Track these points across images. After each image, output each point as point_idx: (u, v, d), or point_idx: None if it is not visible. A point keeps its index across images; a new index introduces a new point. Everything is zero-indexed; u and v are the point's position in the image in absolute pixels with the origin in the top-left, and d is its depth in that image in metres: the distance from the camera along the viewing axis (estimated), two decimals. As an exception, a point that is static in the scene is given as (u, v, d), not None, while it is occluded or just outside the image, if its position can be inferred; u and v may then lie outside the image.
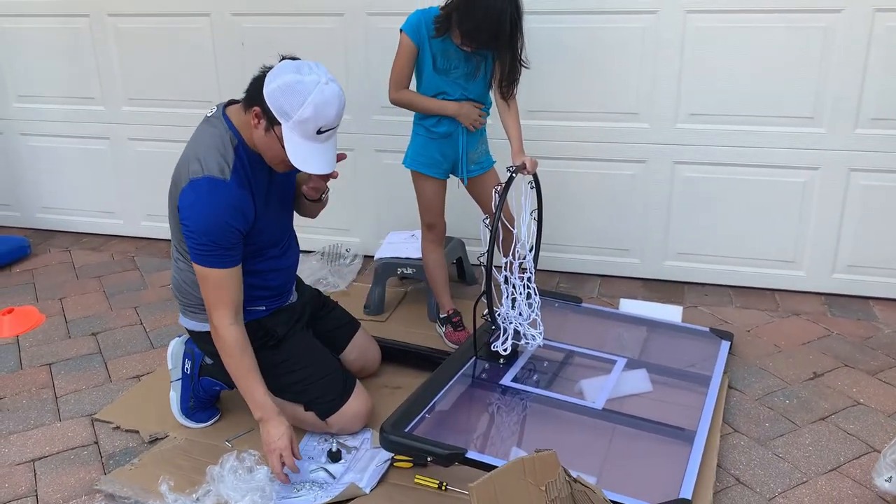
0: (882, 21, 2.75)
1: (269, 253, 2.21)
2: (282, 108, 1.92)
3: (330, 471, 2.13)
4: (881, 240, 3.00)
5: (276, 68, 1.97)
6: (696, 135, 3.06)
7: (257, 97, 1.96)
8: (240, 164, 2.03)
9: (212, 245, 1.99)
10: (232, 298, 2.05)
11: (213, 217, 1.98)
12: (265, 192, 2.14)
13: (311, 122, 1.93)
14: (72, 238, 4.06)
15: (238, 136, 2.05)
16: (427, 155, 2.62)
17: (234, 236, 2.02)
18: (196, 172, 1.99)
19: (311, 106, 1.91)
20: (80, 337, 3.00)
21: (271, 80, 1.94)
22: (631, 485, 1.91)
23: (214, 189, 1.98)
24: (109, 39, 3.68)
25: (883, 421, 2.32)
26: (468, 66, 2.50)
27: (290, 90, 1.91)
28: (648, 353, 2.63)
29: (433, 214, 2.72)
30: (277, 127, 1.95)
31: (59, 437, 2.37)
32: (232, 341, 2.05)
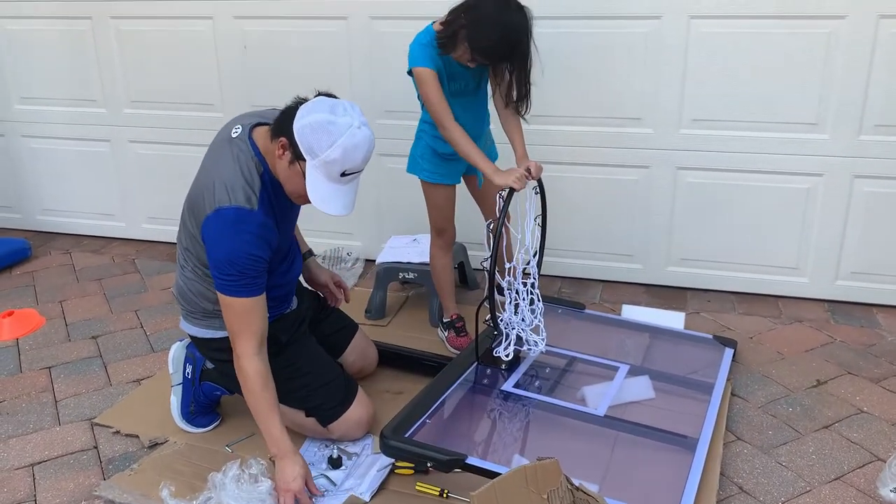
0: (886, 27, 2.75)
1: (278, 269, 2.20)
2: (310, 146, 1.89)
3: (330, 477, 2.12)
4: (885, 247, 2.99)
5: (311, 103, 1.93)
6: (700, 140, 3.05)
7: (286, 128, 1.92)
8: (265, 192, 2.00)
9: (239, 275, 1.96)
10: (258, 327, 2.02)
11: (240, 249, 1.94)
12: (285, 214, 2.12)
13: (338, 165, 1.91)
14: (72, 240, 4.06)
15: (264, 162, 2.01)
16: (440, 164, 2.59)
17: (261, 265, 1.98)
18: (223, 201, 1.95)
19: (341, 149, 1.88)
20: (81, 340, 2.99)
21: (303, 115, 1.90)
22: (633, 493, 1.90)
23: (242, 221, 1.94)
24: (111, 42, 3.68)
25: (887, 429, 2.31)
26: (472, 83, 2.47)
27: (321, 129, 1.88)
28: (651, 359, 2.62)
29: (444, 220, 2.70)
30: (302, 162, 1.93)
31: (58, 441, 2.36)
32: (255, 374, 2.00)
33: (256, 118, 2.10)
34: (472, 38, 2.26)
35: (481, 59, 2.31)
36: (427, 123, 2.57)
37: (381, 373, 2.66)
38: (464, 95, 2.47)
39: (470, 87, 2.47)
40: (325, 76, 3.41)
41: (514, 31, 2.24)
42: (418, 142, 2.62)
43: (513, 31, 2.24)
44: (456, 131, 2.37)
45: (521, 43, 2.27)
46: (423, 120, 2.60)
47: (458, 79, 2.43)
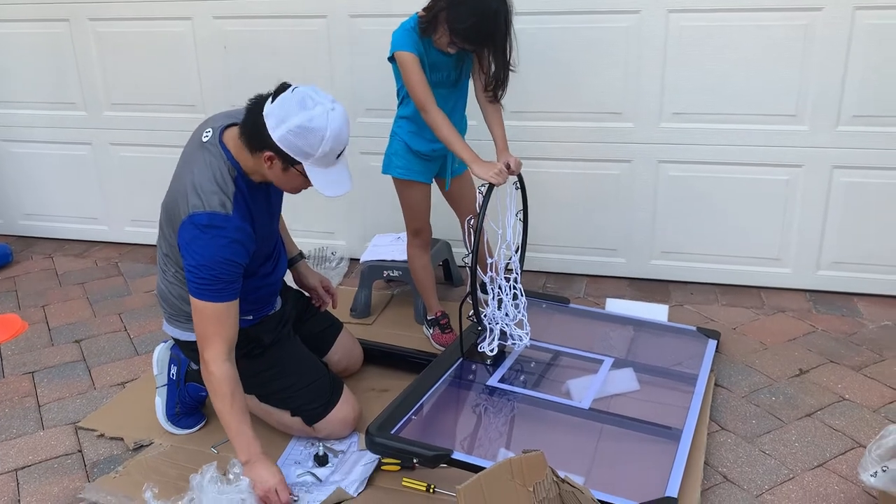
0: (862, 18, 2.77)
1: (261, 271, 2.19)
2: (301, 150, 1.89)
3: (317, 475, 2.11)
4: (864, 236, 3.02)
5: (278, 108, 1.88)
6: (680, 134, 3.07)
7: (264, 140, 1.90)
8: (240, 195, 1.98)
9: (213, 280, 1.94)
10: (228, 334, 2.00)
11: (215, 255, 1.93)
12: (262, 214, 2.11)
13: (333, 152, 1.92)
14: (55, 244, 4.03)
15: (237, 165, 2.00)
16: (413, 160, 2.59)
17: (235, 271, 1.97)
18: (196, 207, 1.93)
19: (330, 139, 1.89)
20: (64, 344, 2.97)
21: (279, 123, 1.87)
22: (618, 484, 1.91)
23: (216, 226, 1.93)
24: (90, 44, 3.66)
25: (868, 416, 2.33)
26: (452, 73, 2.47)
27: (305, 131, 1.86)
28: (635, 352, 2.63)
29: (420, 220, 2.70)
30: (298, 165, 1.93)
31: (42, 445, 2.34)
32: (223, 380, 1.98)
33: (226, 119, 2.08)
34: (450, 20, 2.27)
35: (459, 42, 2.31)
36: (403, 119, 2.56)
37: (366, 371, 2.66)
38: (443, 87, 2.46)
39: (450, 78, 2.47)
40: (305, 75, 3.40)
41: (492, 14, 2.25)
42: (392, 140, 2.62)
43: (490, 14, 2.25)
44: (438, 116, 2.36)
45: (498, 26, 2.28)
46: (399, 116, 2.59)
47: (438, 69, 2.42)
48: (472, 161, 2.34)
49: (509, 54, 2.38)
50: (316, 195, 3.60)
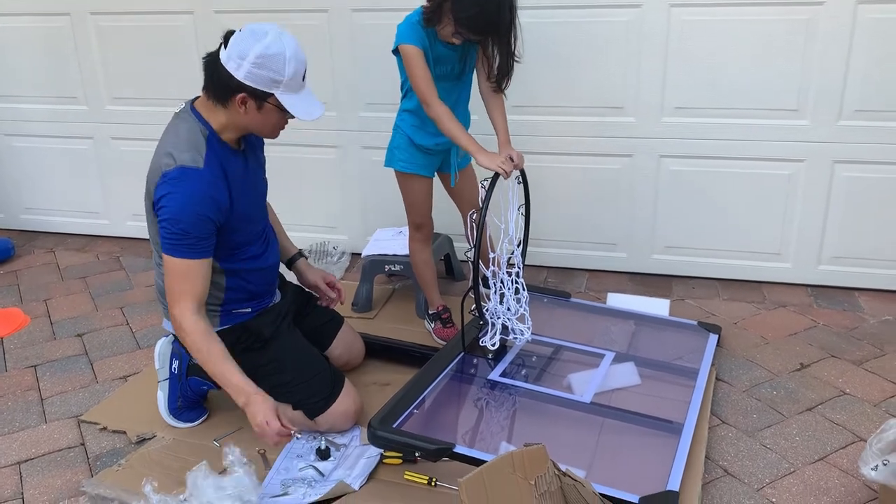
0: (864, 13, 2.77)
1: (250, 250, 2.19)
2: (269, 79, 1.94)
3: (319, 468, 2.12)
4: (865, 231, 3.02)
5: (234, 49, 1.93)
6: (682, 128, 3.07)
7: (232, 84, 1.95)
8: (212, 153, 2.02)
9: (183, 234, 1.96)
10: (197, 291, 2.02)
11: (187, 206, 1.95)
12: (241, 180, 2.12)
13: (298, 75, 1.98)
14: (56, 239, 4.03)
15: (208, 126, 2.04)
16: (416, 154, 2.59)
17: (207, 226, 1.99)
18: (168, 165, 1.98)
19: (292, 60, 1.95)
20: (66, 338, 2.98)
21: (238, 64, 1.93)
22: (620, 477, 1.91)
23: (187, 178, 1.96)
24: (91, 38, 3.65)
25: (869, 410, 2.34)
26: (456, 67, 2.46)
27: (266, 59, 1.92)
28: (636, 346, 2.64)
29: (422, 214, 2.70)
30: (271, 98, 1.97)
31: (44, 439, 2.35)
32: (195, 330, 2.01)
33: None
34: (455, 9, 2.26)
35: (464, 31, 2.30)
36: (406, 112, 2.56)
37: (368, 365, 2.66)
38: (446, 80, 2.45)
39: (454, 72, 2.46)
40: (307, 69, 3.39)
41: (496, 3, 2.25)
42: (395, 133, 2.62)
43: (494, 3, 2.25)
44: (441, 109, 2.36)
45: (502, 16, 2.27)
46: (402, 109, 2.59)
47: (442, 62, 2.41)
48: (477, 152, 2.34)
49: (514, 44, 2.38)
50: (316, 189, 3.60)
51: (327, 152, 3.52)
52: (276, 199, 3.62)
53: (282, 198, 3.59)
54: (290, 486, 2.05)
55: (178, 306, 2.02)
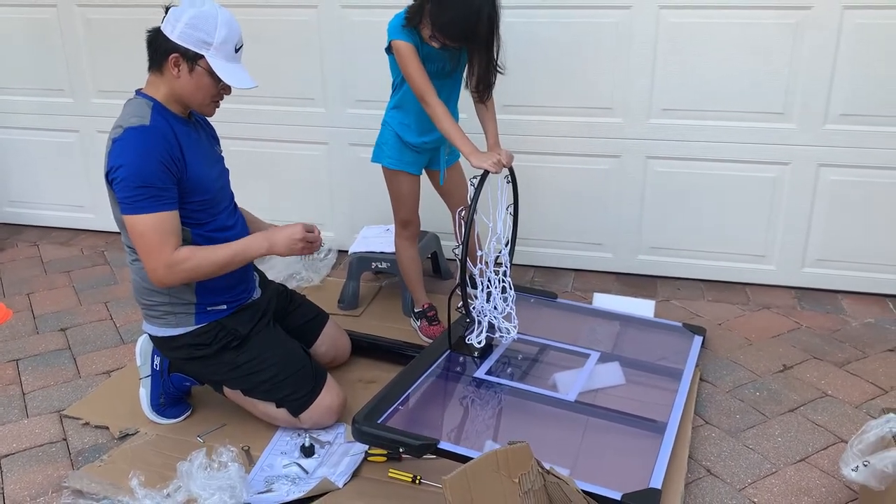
0: (851, 18, 2.79)
1: (220, 219, 2.18)
2: (200, 39, 2.00)
3: (303, 466, 2.12)
4: (849, 234, 3.05)
5: (171, 15, 2.02)
6: (669, 130, 3.08)
7: (168, 47, 2.01)
8: (158, 115, 2.05)
9: (144, 188, 1.96)
10: (173, 243, 2.01)
11: (141, 156, 1.96)
12: (193, 145, 2.12)
13: (230, 42, 2.04)
14: (40, 232, 4.00)
15: (153, 100, 2.08)
16: (404, 151, 2.59)
17: (165, 175, 1.99)
18: (117, 133, 2.01)
19: (224, 26, 2.02)
20: (49, 332, 2.95)
21: (174, 26, 2.00)
22: (603, 475, 1.92)
23: (136, 134, 1.98)
24: (78, 30, 3.63)
25: (850, 412, 2.36)
26: (447, 65, 2.44)
27: (198, 20, 1.99)
28: (622, 347, 2.65)
29: (409, 211, 2.69)
30: (202, 61, 2.02)
31: (26, 433, 2.33)
32: (184, 258, 2.01)
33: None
34: (432, 13, 2.25)
35: (440, 37, 2.27)
36: (395, 110, 2.56)
37: (354, 362, 2.66)
38: (436, 78, 2.43)
39: (445, 70, 2.45)
40: (295, 65, 3.39)
41: (475, 11, 2.21)
42: (384, 129, 2.61)
43: (473, 11, 2.21)
44: (438, 107, 2.34)
45: (479, 26, 2.24)
46: (391, 107, 2.58)
47: (432, 60, 2.40)
48: (470, 153, 2.32)
49: (496, 56, 2.36)
50: (304, 186, 3.59)
51: (315, 149, 3.52)
52: (263, 196, 3.62)
53: (268, 194, 3.60)
54: (274, 483, 2.04)
55: (158, 258, 1.99)
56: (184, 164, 2.05)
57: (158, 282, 2.05)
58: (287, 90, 3.44)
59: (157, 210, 1.98)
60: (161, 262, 2.00)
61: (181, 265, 2.02)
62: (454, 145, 2.37)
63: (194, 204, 2.09)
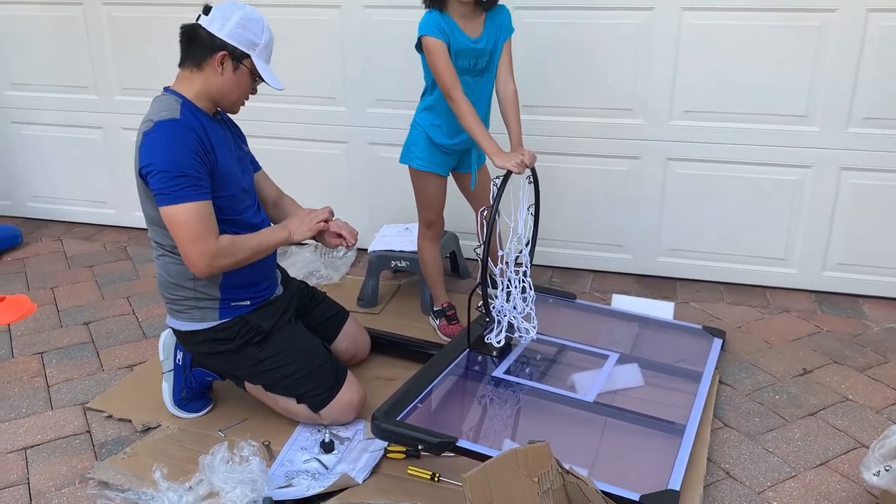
0: (875, 21, 2.77)
1: (247, 216, 2.21)
2: (249, 40, 2.09)
3: (323, 461, 2.13)
4: (871, 238, 3.03)
5: (217, 14, 2.07)
6: (690, 131, 3.08)
7: (213, 43, 2.07)
8: (187, 110, 2.08)
9: (181, 177, 1.98)
10: (213, 231, 2.05)
11: (176, 147, 2.00)
12: (221, 140, 2.16)
13: (271, 45, 2.16)
14: (64, 227, 4.05)
15: (181, 97, 2.11)
16: (434, 153, 2.59)
17: (199, 165, 2.02)
18: (147, 126, 2.04)
19: (268, 30, 2.14)
20: (72, 326, 2.99)
21: (223, 24, 2.06)
22: (621, 476, 1.92)
23: (167, 126, 2.02)
24: (103, 28, 3.67)
25: (871, 417, 2.34)
26: (480, 62, 2.44)
27: (248, 21, 2.08)
28: (640, 348, 2.65)
29: (434, 212, 2.70)
30: (246, 60, 2.10)
31: (50, 425, 2.36)
32: (225, 246, 2.07)
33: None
34: None
35: None
36: (426, 111, 2.56)
37: (373, 359, 2.68)
38: (468, 75, 2.44)
39: (477, 67, 2.45)
40: (317, 64, 3.41)
41: None
42: (413, 130, 2.62)
43: None
44: (464, 105, 2.36)
45: None
46: (421, 108, 2.58)
47: (464, 55, 2.40)
48: (494, 153, 2.34)
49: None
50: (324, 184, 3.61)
51: (335, 147, 3.54)
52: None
53: (288, 192, 3.61)
54: (294, 479, 2.06)
55: (203, 247, 2.02)
56: (214, 157, 2.09)
57: (200, 271, 2.06)
58: (308, 89, 3.47)
59: (197, 199, 2.01)
60: (205, 250, 2.03)
61: (225, 252, 2.07)
62: (478, 143, 2.38)
63: (223, 199, 2.12)
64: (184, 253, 2.05)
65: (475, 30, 2.40)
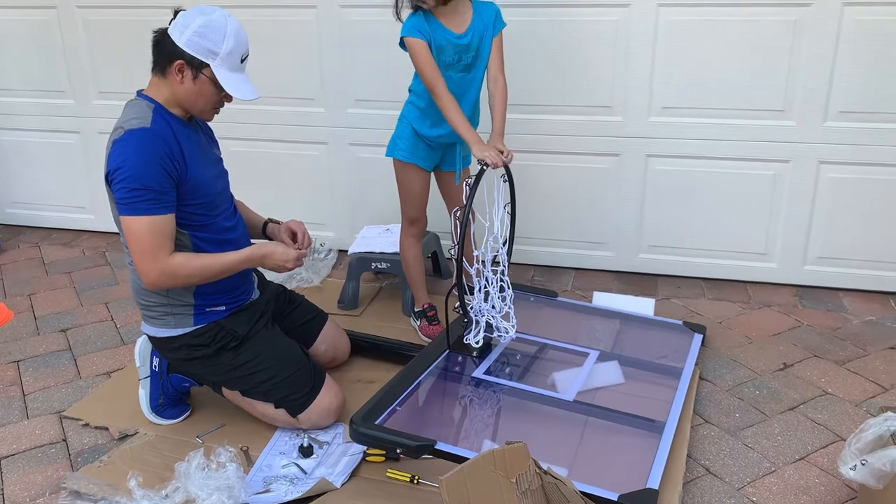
0: (850, 15, 2.78)
1: (219, 221, 2.18)
2: (207, 49, 2.02)
3: (301, 466, 2.12)
4: (850, 232, 3.04)
5: (180, 20, 2.03)
6: (669, 128, 3.08)
7: (174, 53, 2.02)
8: (159, 117, 2.05)
9: (142, 189, 1.97)
10: (167, 247, 2.02)
11: (141, 158, 1.97)
12: (194, 147, 2.13)
13: (236, 53, 2.05)
14: (42, 233, 4.01)
15: (154, 101, 2.08)
16: (419, 145, 2.60)
17: (164, 179, 2.00)
18: (117, 134, 2.01)
19: (232, 37, 2.03)
20: (50, 333, 2.96)
21: (182, 32, 2.01)
22: (600, 475, 1.92)
23: (136, 136, 1.99)
24: (78, 31, 3.63)
25: (850, 410, 2.35)
26: (465, 57, 2.46)
27: (207, 30, 2.01)
28: (621, 345, 2.64)
29: (417, 209, 2.70)
30: (206, 69, 2.04)
31: (26, 434, 2.33)
32: (180, 264, 2.04)
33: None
34: None
35: None
36: (411, 104, 2.58)
37: (353, 362, 2.66)
38: (454, 70, 2.46)
39: (462, 62, 2.46)
40: (294, 65, 3.39)
41: None
42: (399, 123, 2.63)
43: None
44: (445, 97, 2.39)
45: None
46: (409, 101, 2.60)
47: (445, 51, 2.43)
48: (473, 142, 2.37)
49: None
50: (304, 186, 3.59)
51: (315, 149, 3.52)
52: (263, 196, 3.62)
53: (268, 194, 3.59)
54: (273, 484, 2.05)
55: (152, 262, 2.01)
56: (184, 167, 2.06)
57: (151, 284, 2.06)
58: (286, 90, 3.44)
59: (154, 213, 1.99)
60: (154, 266, 2.02)
61: (175, 272, 2.04)
62: (459, 134, 2.40)
63: (194, 206, 2.10)
64: (135, 263, 2.05)
65: (461, 25, 2.43)
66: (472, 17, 2.45)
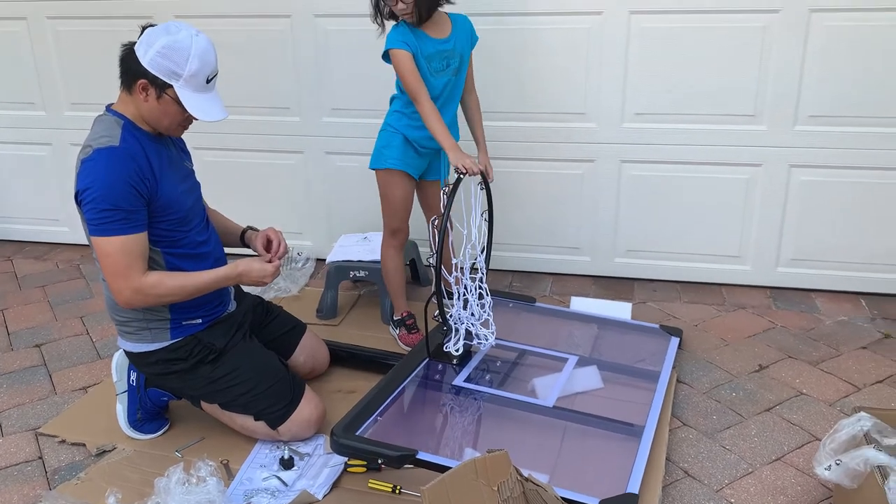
0: (818, 21, 2.83)
1: (191, 235, 2.16)
2: (169, 70, 1.97)
3: (282, 478, 2.11)
4: (821, 233, 3.09)
5: (144, 39, 1.99)
6: (642, 134, 3.11)
7: (137, 71, 1.99)
8: (128, 134, 2.03)
9: (113, 210, 1.95)
10: (140, 266, 2.01)
11: (110, 178, 1.95)
12: (164, 162, 2.11)
13: (201, 74, 2.01)
14: (14, 247, 3.95)
15: (123, 117, 2.06)
16: (409, 152, 2.62)
17: (134, 198, 1.98)
18: (86, 153, 1.99)
19: (196, 59, 1.98)
20: (24, 349, 2.92)
21: (146, 51, 1.97)
22: (581, 481, 1.93)
23: (105, 155, 1.97)
24: (49, 43, 3.59)
25: (824, 410, 2.39)
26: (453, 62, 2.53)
27: (170, 50, 1.96)
28: (599, 350, 2.67)
29: (400, 219, 2.71)
30: (169, 90, 2.00)
31: (1, 453, 2.30)
32: (154, 283, 2.02)
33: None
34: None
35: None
36: (398, 112, 2.61)
37: (333, 372, 2.65)
38: (444, 74, 2.53)
39: (451, 66, 2.53)
40: (269, 75, 3.38)
41: None
42: (384, 134, 2.65)
43: None
44: (427, 105, 2.44)
45: None
46: (393, 110, 2.64)
47: (435, 58, 2.49)
48: (451, 148, 2.42)
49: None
50: (280, 195, 3.58)
51: (291, 157, 3.51)
52: (240, 205, 3.60)
53: (245, 204, 3.58)
54: (254, 497, 2.04)
55: (129, 277, 2.00)
56: (155, 184, 2.04)
57: (125, 303, 2.04)
58: (262, 100, 3.43)
59: (125, 233, 1.97)
60: (127, 285, 2.00)
61: (149, 291, 2.02)
62: (437, 139, 2.45)
63: (167, 222, 2.08)
64: (108, 283, 2.03)
65: (443, 32, 2.50)
66: (452, 25, 2.53)
